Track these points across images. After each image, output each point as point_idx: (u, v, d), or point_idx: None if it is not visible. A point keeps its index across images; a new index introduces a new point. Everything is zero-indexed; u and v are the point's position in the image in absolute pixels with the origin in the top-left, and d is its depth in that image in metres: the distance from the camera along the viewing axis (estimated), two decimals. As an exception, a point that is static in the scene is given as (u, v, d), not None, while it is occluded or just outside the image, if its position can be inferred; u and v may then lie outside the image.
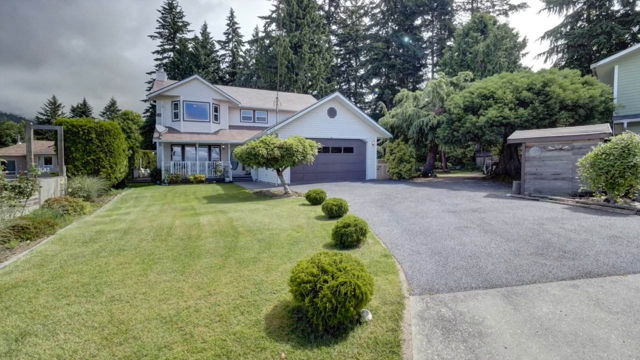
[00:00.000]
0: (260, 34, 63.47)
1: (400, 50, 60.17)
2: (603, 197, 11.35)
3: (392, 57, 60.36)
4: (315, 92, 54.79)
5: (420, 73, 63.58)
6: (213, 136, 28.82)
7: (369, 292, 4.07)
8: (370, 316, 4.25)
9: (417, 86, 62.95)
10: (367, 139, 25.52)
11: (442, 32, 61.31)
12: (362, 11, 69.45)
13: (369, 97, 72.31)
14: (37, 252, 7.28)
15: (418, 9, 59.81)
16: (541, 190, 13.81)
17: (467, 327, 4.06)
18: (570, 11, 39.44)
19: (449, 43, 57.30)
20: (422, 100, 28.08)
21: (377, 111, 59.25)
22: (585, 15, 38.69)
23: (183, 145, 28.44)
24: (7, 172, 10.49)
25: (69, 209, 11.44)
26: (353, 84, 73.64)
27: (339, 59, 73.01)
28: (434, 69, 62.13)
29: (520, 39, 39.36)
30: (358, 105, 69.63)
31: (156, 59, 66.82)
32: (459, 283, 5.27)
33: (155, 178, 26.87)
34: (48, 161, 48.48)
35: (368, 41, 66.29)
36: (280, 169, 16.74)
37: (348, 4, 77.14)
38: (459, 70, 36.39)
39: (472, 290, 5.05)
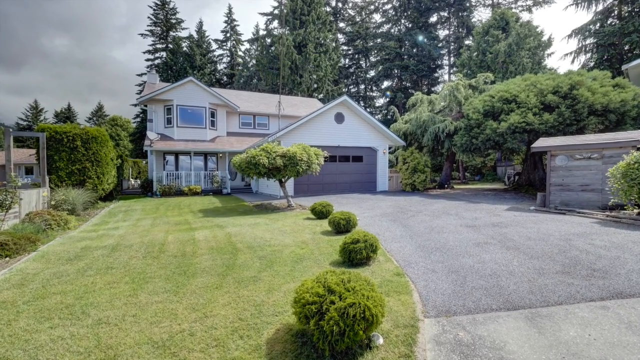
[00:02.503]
0: (261, 32, 64.14)
1: (414, 50, 60.42)
2: (636, 211, 11.30)
3: (405, 57, 60.61)
4: (321, 96, 55.04)
5: (436, 75, 63.74)
6: (209, 144, 29.01)
7: (380, 314, 4.10)
8: (381, 340, 4.27)
9: (433, 89, 63.07)
10: (378, 147, 25.62)
11: (460, 30, 61.46)
12: (372, 7, 69.71)
13: (380, 101, 72.57)
14: (17, 271, 7.35)
15: (433, 5, 60.05)
16: (568, 202, 13.78)
17: (487, 352, 4.07)
18: (600, 7, 39.56)
19: (467, 42, 57.40)
20: (437, 105, 28.16)
21: (388, 116, 59.37)
22: (616, 12, 38.76)
23: (177, 154, 28.66)
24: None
25: (52, 224, 11.54)
26: (362, 86, 73.91)
27: (347, 60, 73.39)
28: (451, 71, 62.36)
29: (545, 38, 39.29)
30: (368, 110, 69.47)
31: (147, 60, 67.53)
32: (479, 304, 5.28)
33: (146, 190, 27.03)
34: (29, 171, 48.83)
35: (379, 40, 66.55)
36: (282, 179, 16.82)
37: (357, -1, 77.29)
38: (478, 72, 36.51)
39: (492, 312, 5.06)
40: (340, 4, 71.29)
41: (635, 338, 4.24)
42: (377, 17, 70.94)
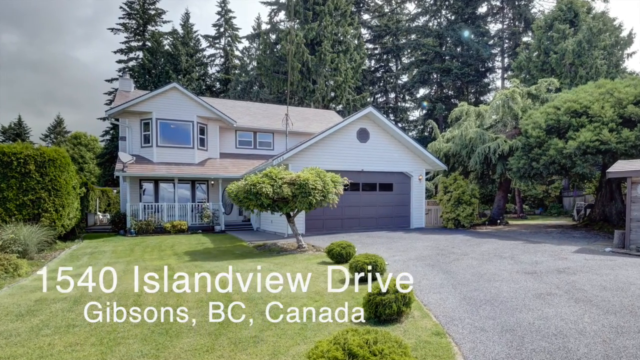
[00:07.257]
0: (264, 27, 64.87)
1: (458, 49, 60.65)
2: None
3: (447, 58, 60.99)
4: (339, 107, 55.27)
5: (486, 80, 64.00)
6: (198, 168, 29.25)
7: (414, 384, 4.15)
8: (414, 417, 4.31)
9: (482, 99, 63.08)
10: (412, 172, 25.70)
11: (517, 23, 61.45)
12: (404, -5, 70.10)
13: (415, 114, 72.88)
14: (-44, 329, 7.44)
15: (482, -8, 60.48)
16: (654, 243, 13.70)
17: None
18: (696, -7, 39.63)
19: (525, 39, 57.57)
20: (488, 119, 28.26)
21: (425, 133, 59.47)
22: None
23: (156, 181, 28.91)
24: None
25: (-3, 269, 11.70)
26: (392, 95, 74.21)
27: (372, 61, 73.96)
28: (505, 75, 62.24)
29: (624, 34, 39.45)
30: (399, 125, 68.91)
31: (119, 61, 67.59)
32: (540, 373, 5.30)
33: (118, 226, 27.16)
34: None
35: (413, 36, 67.01)
36: (291, 213, 16.93)
37: (385, -15, 78.03)
38: (540, 77, 36.48)
39: (557, 383, 5.08)
40: (364, -9, 71.86)
41: None
42: (410, 8, 71.21)
